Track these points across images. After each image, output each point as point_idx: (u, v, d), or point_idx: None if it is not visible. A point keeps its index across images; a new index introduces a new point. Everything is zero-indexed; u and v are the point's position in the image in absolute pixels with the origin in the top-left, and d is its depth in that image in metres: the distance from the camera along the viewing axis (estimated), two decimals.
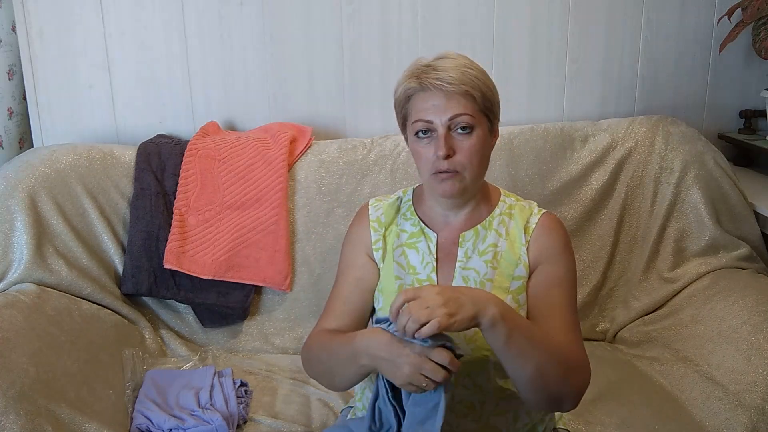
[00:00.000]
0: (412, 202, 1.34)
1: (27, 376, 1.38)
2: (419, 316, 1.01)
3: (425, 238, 1.29)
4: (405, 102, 1.23)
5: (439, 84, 1.16)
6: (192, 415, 1.55)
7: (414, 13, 2.07)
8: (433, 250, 1.28)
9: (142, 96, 2.08)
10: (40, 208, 1.79)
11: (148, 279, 1.84)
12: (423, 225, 1.31)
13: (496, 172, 1.93)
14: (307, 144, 1.99)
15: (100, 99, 2.06)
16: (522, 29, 2.11)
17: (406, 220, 1.32)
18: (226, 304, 1.87)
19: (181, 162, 1.91)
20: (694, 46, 2.18)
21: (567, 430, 1.41)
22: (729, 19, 2.04)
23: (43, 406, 1.36)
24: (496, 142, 1.28)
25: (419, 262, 1.28)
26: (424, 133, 1.20)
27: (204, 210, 1.88)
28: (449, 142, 1.18)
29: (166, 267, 1.82)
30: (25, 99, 2.07)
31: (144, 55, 2.05)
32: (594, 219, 1.98)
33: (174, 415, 1.54)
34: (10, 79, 2.04)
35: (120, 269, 1.87)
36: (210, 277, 1.84)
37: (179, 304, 1.91)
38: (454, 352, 1.05)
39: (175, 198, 1.89)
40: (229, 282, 1.87)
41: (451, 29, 2.09)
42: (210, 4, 2.03)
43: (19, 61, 2.02)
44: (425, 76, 1.18)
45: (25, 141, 2.12)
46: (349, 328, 1.28)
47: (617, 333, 1.94)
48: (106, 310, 1.80)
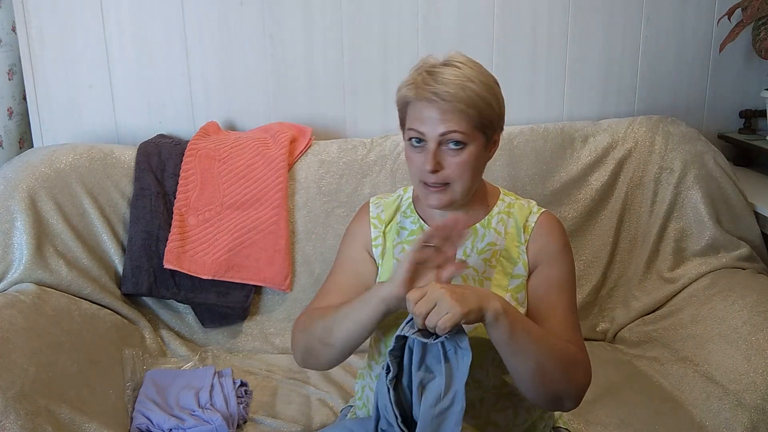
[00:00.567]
0: (412, 200, 1.35)
1: (27, 376, 1.38)
2: (438, 311, 1.02)
3: None
4: (403, 106, 1.23)
5: (434, 99, 1.14)
6: (192, 415, 1.55)
7: (414, 13, 2.07)
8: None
9: (142, 96, 2.07)
10: (40, 208, 1.79)
11: (148, 279, 1.84)
12: (423, 222, 1.31)
13: (496, 172, 1.93)
14: (307, 144, 1.99)
15: (100, 99, 2.06)
16: (522, 29, 2.11)
17: (406, 217, 1.33)
18: (226, 304, 1.87)
19: (181, 162, 1.91)
20: (694, 46, 2.18)
21: (567, 429, 1.41)
22: (729, 19, 2.04)
23: (43, 406, 1.36)
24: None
25: None
26: (418, 142, 1.20)
27: (204, 210, 1.88)
28: (438, 157, 1.17)
29: (166, 267, 1.82)
30: (25, 99, 2.07)
31: (144, 55, 2.05)
32: (594, 219, 1.98)
33: (174, 415, 1.54)
34: (10, 79, 2.04)
35: (120, 269, 1.87)
36: (210, 277, 1.84)
37: (179, 304, 1.91)
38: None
39: (175, 198, 1.89)
40: (229, 282, 1.87)
41: (451, 29, 2.09)
42: (210, 4, 2.03)
43: (19, 61, 2.02)
44: (424, 86, 1.16)
45: (25, 141, 2.12)
46: None
47: (617, 333, 1.94)
48: (106, 310, 1.80)
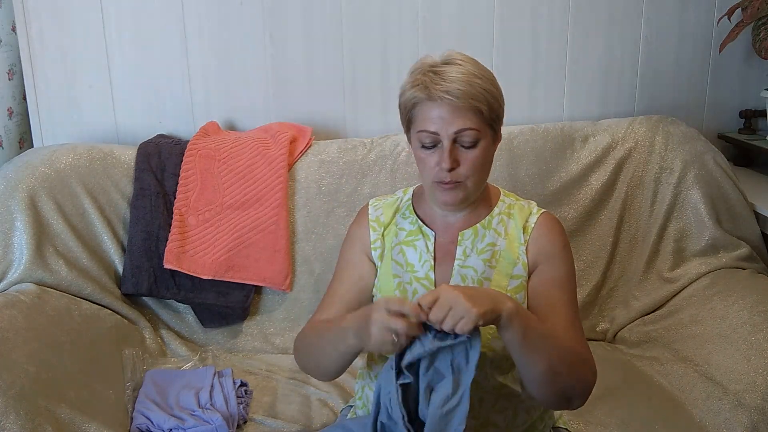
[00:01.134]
0: (411, 202, 1.35)
1: (27, 376, 1.38)
2: (453, 315, 1.01)
3: (423, 236, 1.29)
4: (411, 108, 1.21)
5: (447, 97, 1.15)
6: (192, 415, 1.55)
7: (414, 13, 2.07)
8: (431, 249, 1.28)
9: (142, 96, 2.07)
10: (40, 208, 1.79)
11: (148, 279, 1.84)
12: (421, 223, 1.31)
13: (496, 172, 1.93)
14: (307, 144, 1.99)
15: (100, 99, 2.06)
16: (522, 29, 2.10)
17: (405, 218, 1.33)
18: (226, 304, 1.87)
19: (181, 162, 1.91)
20: (694, 46, 2.18)
21: (567, 429, 1.41)
22: (729, 19, 2.04)
23: (43, 406, 1.36)
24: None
25: (417, 260, 1.28)
26: (430, 143, 1.20)
27: (204, 210, 1.88)
28: (454, 155, 1.18)
29: (166, 267, 1.82)
30: (25, 99, 2.07)
31: (144, 55, 2.05)
32: (594, 219, 1.98)
33: (174, 415, 1.54)
34: (10, 79, 2.04)
35: (120, 269, 1.87)
36: (210, 277, 1.84)
37: (179, 304, 1.91)
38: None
39: (175, 198, 1.89)
40: (229, 282, 1.87)
41: (451, 29, 2.09)
42: (210, 4, 2.03)
43: (19, 61, 2.02)
44: (433, 85, 1.16)
45: (25, 141, 2.12)
46: None
47: (617, 333, 1.94)
48: (106, 310, 1.80)
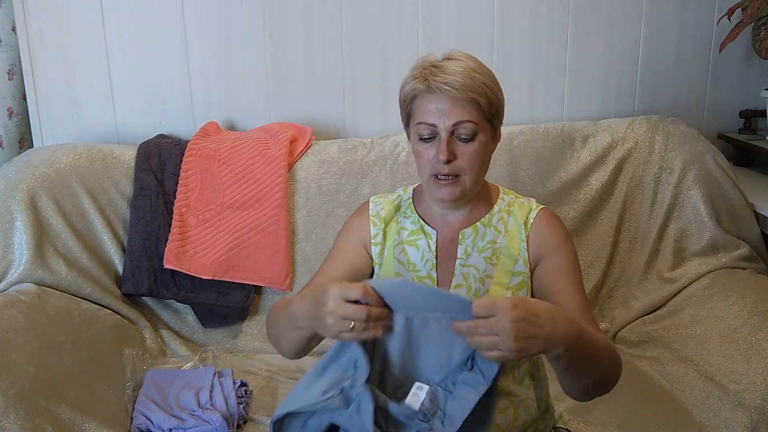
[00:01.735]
0: (412, 200, 1.35)
1: (27, 376, 1.38)
2: (491, 343, 0.97)
3: (425, 235, 1.29)
4: (410, 101, 1.22)
5: (446, 88, 1.16)
6: (192, 415, 1.55)
7: (414, 13, 2.07)
8: (433, 248, 1.28)
9: (142, 96, 2.07)
10: (40, 208, 1.79)
11: (148, 279, 1.84)
12: (423, 223, 1.31)
13: (496, 172, 1.93)
14: (307, 144, 1.99)
15: (100, 99, 2.06)
16: (522, 29, 2.11)
17: (407, 217, 1.33)
18: (226, 304, 1.87)
19: (181, 162, 1.91)
20: (694, 46, 2.18)
21: (567, 429, 1.41)
22: (729, 19, 2.04)
23: (43, 406, 1.36)
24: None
25: (419, 260, 1.28)
26: (428, 136, 1.20)
27: (204, 210, 1.88)
28: (451, 147, 1.19)
29: (166, 267, 1.82)
30: (25, 99, 2.07)
31: (144, 55, 2.05)
32: (594, 219, 1.98)
33: (174, 415, 1.54)
34: (10, 79, 2.04)
35: (120, 269, 1.87)
36: (210, 277, 1.84)
37: (179, 304, 1.91)
38: None
39: (175, 198, 1.89)
40: (229, 282, 1.87)
41: (451, 29, 2.09)
42: (210, 4, 2.03)
43: (19, 61, 2.02)
44: (433, 77, 1.17)
45: (25, 141, 2.12)
46: None
47: (617, 333, 1.94)
48: (106, 310, 1.80)
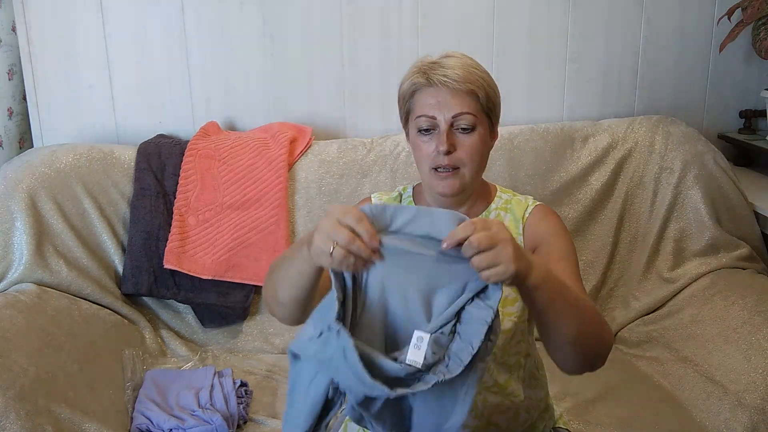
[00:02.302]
0: (412, 198, 1.35)
1: (27, 376, 1.38)
2: (494, 257, 0.93)
3: None
4: (410, 97, 1.24)
5: (445, 80, 1.18)
6: (192, 415, 1.55)
7: (414, 13, 2.07)
8: None
9: (142, 96, 2.07)
10: (40, 208, 1.79)
11: (148, 279, 1.84)
12: None
13: (496, 172, 1.93)
14: (307, 144, 1.99)
15: (100, 99, 2.06)
16: (522, 29, 2.10)
17: None
18: (226, 304, 1.87)
19: (181, 162, 1.91)
20: (694, 46, 2.18)
21: (567, 429, 1.41)
22: (729, 19, 2.04)
23: (43, 406, 1.36)
24: (495, 143, 1.29)
25: None
26: (427, 130, 1.21)
27: (204, 210, 1.88)
28: (451, 139, 1.20)
29: (166, 267, 1.82)
30: (25, 99, 2.07)
31: (144, 55, 2.05)
32: (594, 219, 1.98)
33: (174, 415, 1.54)
34: (10, 79, 2.04)
35: (120, 269, 1.87)
36: (210, 277, 1.84)
37: (179, 304, 1.91)
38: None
39: (175, 198, 1.89)
40: (229, 282, 1.87)
41: (451, 29, 2.09)
42: (210, 5, 2.03)
43: (19, 61, 2.02)
44: (432, 72, 1.19)
45: (25, 141, 2.12)
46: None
47: (617, 333, 1.94)
48: (106, 310, 1.80)
